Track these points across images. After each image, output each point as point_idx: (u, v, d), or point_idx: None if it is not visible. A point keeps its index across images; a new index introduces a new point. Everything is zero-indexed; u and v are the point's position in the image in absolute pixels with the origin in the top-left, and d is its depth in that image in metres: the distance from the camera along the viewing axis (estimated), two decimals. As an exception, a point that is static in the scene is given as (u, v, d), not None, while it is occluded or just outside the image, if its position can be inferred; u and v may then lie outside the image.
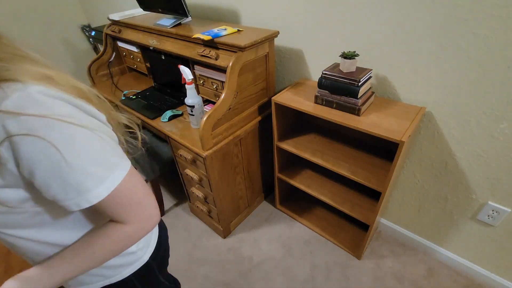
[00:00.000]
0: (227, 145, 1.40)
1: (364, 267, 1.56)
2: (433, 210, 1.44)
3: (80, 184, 0.46)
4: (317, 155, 1.41)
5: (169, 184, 2.24)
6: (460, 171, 1.25)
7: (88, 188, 0.46)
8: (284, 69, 1.64)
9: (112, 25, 1.91)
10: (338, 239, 1.68)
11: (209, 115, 1.24)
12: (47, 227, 0.54)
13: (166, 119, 1.53)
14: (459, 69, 1.05)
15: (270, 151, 1.75)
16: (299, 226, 1.80)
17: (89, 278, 0.65)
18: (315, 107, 1.25)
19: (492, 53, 0.96)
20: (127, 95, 1.83)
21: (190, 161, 1.43)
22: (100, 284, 0.67)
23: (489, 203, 1.23)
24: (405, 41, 1.12)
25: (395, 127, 1.07)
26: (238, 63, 1.25)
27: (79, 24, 3.27)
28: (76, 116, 0.47)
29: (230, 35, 1.34)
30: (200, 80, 1.52)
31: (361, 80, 1.10)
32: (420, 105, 1.21)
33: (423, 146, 1.30)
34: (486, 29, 0.94)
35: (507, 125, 1.04)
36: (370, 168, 1.30)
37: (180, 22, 1.56)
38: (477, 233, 1.34)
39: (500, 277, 1.38)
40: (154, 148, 1.78)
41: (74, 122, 0.46)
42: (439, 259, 1.56)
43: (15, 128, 0.41)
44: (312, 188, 1.57)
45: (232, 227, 1.79)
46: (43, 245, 0.56)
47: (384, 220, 1.69)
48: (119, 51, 2.05)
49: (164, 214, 1.97)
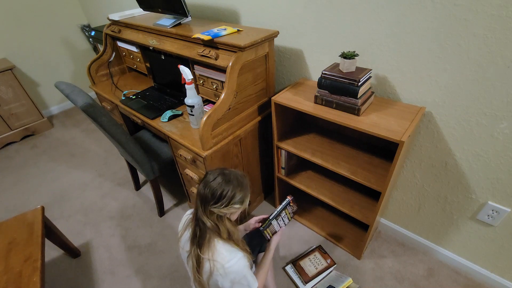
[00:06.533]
0: (227, 145, 1.40)
1: (364, 267, 1.56)
2: (433, 210, 1.44)
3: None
4: (317, 155, 1.41)
5: (169, 184, 2.24)
6: (460, 171, 1.25)
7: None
8: (284, 69, 1.64)
9: (112, 25, 1.91)
10: (338, 239, 1.68)
11: (209, 115, 1.24)
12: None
13: (166, 119, 1.53)
14: (459, 69, 1.05)
15: (270, 151, 1.75)
16: (299, 226, 1.80)
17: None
18: (315, 107, 1.25)
19: (492, 53, 0.96)
20: (127, 95, 1.83)
21: (190, 161, 1.43)
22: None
23: (489, 203, 1.23)
24: (404, 41, 1.12)
25: (395, 127, 1.07)
26: (238, 63, 1.25)
27: (79, 24, 3.27)
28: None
29: (230, 35, 1.34)
30: (200, 80, 1.52)
31: (360, 80, 1.10)
32: (420, 105, 1.21)
33: (423, 146, 1.30)
34: (486, 29, 0.94)
35: (507, 125, 1.04)
36: (370, 168, 1.30)
37: (180, 22, 1.56)
38: (477, 233, 1.35)
39: (500, 277, 1.38)
40: (154, 148, 1.78)
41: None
42: (439, 259, 1.56)
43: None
44: (312, 188, 1.57)
45: (232, 227, 1.79)
46: None
47: (384, 220, 1.69)
48: (119, 51, 2.05)
49: (164, 214, 1.97)
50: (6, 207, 2.14)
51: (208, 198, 0.89)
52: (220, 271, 0.88)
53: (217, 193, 0.88)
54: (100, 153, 2.65)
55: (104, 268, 1.67)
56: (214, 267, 0.88)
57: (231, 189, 0.89)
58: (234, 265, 0.89)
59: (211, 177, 0.91)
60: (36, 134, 3.02)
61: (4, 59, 2.82)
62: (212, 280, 0.90)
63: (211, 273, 0.88)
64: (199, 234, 0.92)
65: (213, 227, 0.90)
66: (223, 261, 0.89)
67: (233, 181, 0.91)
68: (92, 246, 1.81)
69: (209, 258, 0.88)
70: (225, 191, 0.88)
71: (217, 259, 0.89)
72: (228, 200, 0.89)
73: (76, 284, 1.61)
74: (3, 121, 2.76)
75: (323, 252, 1.61)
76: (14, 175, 2.47)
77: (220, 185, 0.89)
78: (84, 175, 2.39)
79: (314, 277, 1.49)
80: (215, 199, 0.88)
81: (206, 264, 0.89)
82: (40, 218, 1.41)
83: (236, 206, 0.91)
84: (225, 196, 0.88)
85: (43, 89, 3.21)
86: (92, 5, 3.04)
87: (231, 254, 0.90)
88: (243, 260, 0.92)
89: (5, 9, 2.74)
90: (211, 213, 0.90)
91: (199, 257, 0.90)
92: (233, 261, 0.89)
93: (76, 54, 3.36)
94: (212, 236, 0.91)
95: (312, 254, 1.61)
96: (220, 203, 0.88)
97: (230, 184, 0.90)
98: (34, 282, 1.12)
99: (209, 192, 0.89)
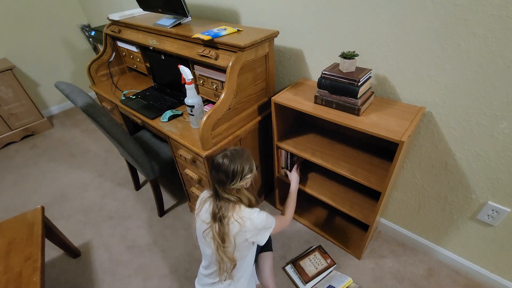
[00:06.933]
0: (227, 145, 1.40)
1: (364, 267, 1.56)
2: (433, 210, 1.44)
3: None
4: (317, 155, 1.41)
5: (169, 184, 2.24)
6: (460, 171, 1.25)
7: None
8: (284, 69, 1.64)
9: (112, 25, 1.91)
10: (338, 239, 1.68)
11: (209, 115, 1.24)
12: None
13: (166, 119, 1.53)
14: (459, 69, 1.05)
15: (270, 151, 1.75)
16: (299, 226, 1.80)
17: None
18: (314, 107, 1.25)
19: (492, 53, 0.96)
20: (127, 95, 1.83)
21: (190, 161, 1.43)
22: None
23: (489, 203, 1.23)
24: (405, 41, 1.12)
25: (394, 127, 1.07)
26: (238, 63, 1.25)
27: (78, 24, 3.27)
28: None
29: (230, 35, 1.34)
30: (200, 80, 1.52)
31: (360, 80, 1.10)
32: (420, 105, 1.21)
33: (423, 146, 1.30)
34: (486, 29, 0.94)
35: (507, 125, 1.04)
36: (369, 168, 1.30)
37: (180, 22, 1.56)
38: (477, 233, 1.35)
39: (500, 277, 1.38)
40: (154, 148, 1.78)
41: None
42: (439, 259, 1.56)
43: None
44: (312, 188, 1.57)
45: (232, 227, 1.79)
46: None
47: (384, 220, 1.69)
48: (119, 51, 2.05)
49: (164, 214, 1.97)
50: (6, 207, 2.14)
51: (224, 180, 1.04)
52: (247, 224, 1.04)
53: (230, 173, 1.03)
54: (100, 153, 2.65)
55: (104, 268, 1.67)
56: (243, 223, 1.04)
57: (239, 165, 1.04)
58: (260, 215, 1.08)
59: (219, 161, 1.05)
60: (36, 134, 3.02)
61: (4, 59, 2.82)
62: (240, 236, 1.04)
63: (240, 229, 1.03)
64: (222, 209, 1.05)
65: (236, 199, 1.07)
66: (249, 215, 1.06)
67: (236, 157, 1.05)
68: (92, 246, 1.81)
69: (236, 219, 1.04)
70: (235, 168, 1.03)
71: (244, 215, 1.05)
72: (240, 174, 1.04)
73: (76, 284, 1.61)
74: (3, 121, 2.76)
75: (323, 252, 1.61)
76: (14, 175, 2.47)
77: (229, 165, 1.03)
78: (84, 175, 2.39)
79: (314, 277, 1.49)
80: (229, 178, 1.03)
81: (234, 224, 1.03)
82: (40, 218, 1.41)
83: (248, 176, 1.07)
84: (237, 172, 1.03)
85: (43, 89, 3.21)
86: (92, 5, 3.04)
87: (252, 210, 1.09)
88: (263, 212, 1.11)
89: (5, 9, 2.74)
90: (230, 190, 1.06)
91: (222, 230, 1.04)
92: (257, 213, 1.08)
93: (76, 54, 3.36)
94: (235, 205, 1.07)
95: (312, 254, 1.61)
96: (235, 180, 1.04)
97: (236, 161, 1.04)
98: (34, 282, 1.12)
99: (223, 174, 1.03)
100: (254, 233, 1.06)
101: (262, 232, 1.09)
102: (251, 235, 1.06)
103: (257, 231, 1.07)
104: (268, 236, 1.13)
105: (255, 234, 1.07)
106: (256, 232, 1.07)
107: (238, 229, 1.03)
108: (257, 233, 1.07)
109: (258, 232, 1.08)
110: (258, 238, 1.09)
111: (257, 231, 1.07)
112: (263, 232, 1.10)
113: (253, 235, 1.06)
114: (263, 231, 1.10)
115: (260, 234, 1.09)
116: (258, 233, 1.08)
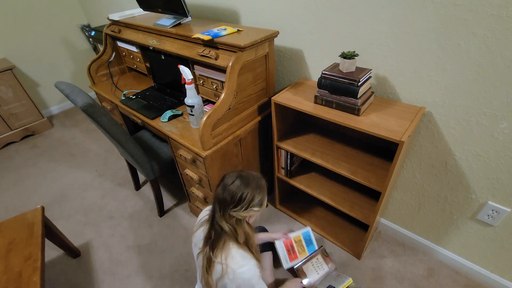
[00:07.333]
0: (227, 145, 1.40)
1: (364, 267, 1.56)
2: (433, 210, 1.44)
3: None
4: (317, 155, 1.41)
5: (169, 184, 2.24)
6: (460, 171, 1.25)
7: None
8: (284, 69, 1.64)
9: (112, 25, 1.91)
10: (338, 239, 1.68)
11: (209, 115, 1.24)
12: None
13: (166, 119, 1.53)
14: (459, 69, 1.05)
15: (270, 151, 1.75)
16: (299, 226, 1.80)
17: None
18: (314, 107, 1.25)
19: (491, 53, 0.96)
20: (127, 95, 1.83)
21: (190, 161, 1.43)
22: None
23: (489, 203, 1.23)
24: (405, 41, 1.12)
25: (394, 127, 1.07)
26: (238, 63, 1.25)
27: (78, 24, 3.26)
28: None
29: (230, 35, 1.34)
30: (200, 80, 1.52)
31: (360, 80, 1.10)
32: (420, 105, 1.21)
33: (423, 146, 1.30)
34: (486, 29, 0.94)
35: (507, 125, 1.04)
36: (370, 168, 1.30)
37: (180, 22, 1.56)
38: (477, 233, 1.35)
39: (500, 277, 1.38)
40: (154, 148, 1.78)
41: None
42: (439, 259, 1.56)
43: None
44: (312, 188, 1.57)
45: (232, 227, 1.79)
46: None
47: (384, 220, 1.69)
48: (119, 51, 2.05)
49: (164, 214, 1.97)
50: (6, 207, 2.14)
51: (227, 202, 0.88)
52: (230, 276, 0.87)
53: (237, 197, 0.87)
54: (100, 153, 2.64)
55: (104, 268, 1.67)
56: (226, 271, 0.88)
57: (250, 192, 0.88)
58: (246, 272, 0.89)
59: (230, 180, 0.90)
60: (36, 134, 3.02)
61: (4, 59, 2.82)
62: (222, 282, 0.90)
63: (222, 275, 0.88)
64: (214, 237, 0.91)
65: (231, 231, 0.90)
66: (235, 265, 0.88)
67: (251, 183, 0.90)
68: (92, 246, 1.81)
69: (221, 261, 0.88)
70: (245, 194, 0.88)
71: (229, 263, 0.88)
72: (248, 203, 0.88)
73: (76, 284, 1.61)
74: (3, 121, 2.76)
75: (325, 254, 1.58)
76: (14, 175, 2.47)
77: (239, 188, 0.88)
78: (84, 175, 2.39)
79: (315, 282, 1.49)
80: (234, 202, 0.88)
81: (218, 267, 0.89)
82: (40, 218, 1.41)
83: (255, 209, 0.90)
84: (245, 199, 0.88)
85: (43, 89, 3.21)
86: (92, 5, 3.04)
87: (244, 260, 0.90)
88: (254, 269, 0.91)
89: (5, 9, 2.74)
90: (230, 216, 0.89)
91: (211, 259, 0.90)
92: (245, 268, 0.89)
93: (76, 54, 3.36)
94: (228, 240, 0.91)
95: (315, 257, 1.57)
96: (240, 207, 0.88)
97: (249, 187, 0.89)
98: (34, 282, 1.12)
99: (228, 195, 0.88)
100: (235, 286, 0.89)
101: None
102: (233, 286, 0.90)
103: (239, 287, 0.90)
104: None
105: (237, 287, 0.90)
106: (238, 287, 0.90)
107: (219, 274, 0.88)
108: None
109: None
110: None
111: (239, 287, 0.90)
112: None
113: (235, 287, 0.90)
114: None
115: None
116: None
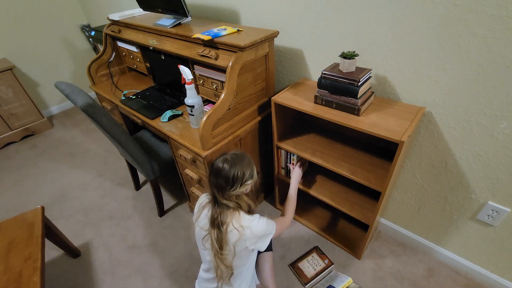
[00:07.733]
0: (227, 145, 1.40)
1: (364, 267, 1.56)
2: (433, 210, 1.44)
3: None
4: (317, 155, 1.41)
5: (169, 184, 2.24)
6: (460, 171, 1.25)
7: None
8: (284, 69, 1.64)
9: (112, 25, 1.91)
10: (338, 239, 1.68)
11: (209, 115, 1.24)
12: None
13: (166, 119, 1.53)
14: (459, 69, 1.05)
15: (270, 151, 1.75)
16: (299, 226, 1.80)
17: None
18: (314, 107, 1.25)
19: (491, 53, 0.96)
20: (127, 95, 1.83)
21: (190, 161, 1.43)
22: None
23: (489, 203, 1.23)
24: (404, 41, 1.12)
25: (394, 127, 1.07)
26: (238, 63, 1.25)
27: (78, 24, 3.27)
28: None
29: (230, 35, 1.34)
30: (200, 80, 1.52)
31: (360, 80, 1.10)
32: (420, 105, 1.21)
33: (423, 146, 1.30)
34: (486, 29, 0.94)
35: (507, 125, 1.04)
36: (369, 168, 1.30)
37: (180, 22, 1.56)
38: (477, 233, 1.35)
39: (500, 277, 1.38)
40: (154, 148, 1.78)
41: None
42: (439, 259, 1.56)
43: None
44: (312, 188, 1.57)
45: (232, 227, 1.79)
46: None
47: (384, 220, 1.69)
48: (119, 51, 2.05)
49: (164, 214, 1.97)
50: (6, 207, 2.14)
51: (223, 186, 0.99)
52: (247, 233, 1.00)
53: (230, 178, 0.97)
54: (100, 153, 2.65)
55: (104, 268, 1.67)
56: (242, 232, 1.00)
57: (239, 170, 0.98)
58: (259, 223, 1.04)
59: (219, 166, 0.99)
60: (36, 134, 3.02)
61: (4, 59, 2.82)
62: (239, 244, 1.01)
63: (239, 238, 1.00)
64: (221, 215, 1.01)
65: (235, 205, 1.02)
66: (248, 223, 1.02)
67: (237, 162, 0.99)
68: (92, 246, 1.81)
69: (234, 227, 1.00)
70: (236, 173, 0.98)
71: (243, 223, 1.01)
72: (240, 180, 0.99)
73: (76, 284, 1.61)
74: (3, 121, 2.76)
75: (321, 253, 1.61)
76: (14, 175, 2.47)
77: (229, 170, 0.97)
78: (84, 175, 2.39)
79: (313, 278, 1.49)
80: (229, 184, 0.98)
81: (233, 232, 1.00)
82: (40, 218, 1.41)
83: (248, 182, 1.02)
84: (237, 178, 0.98)
85: (43, 89, 3.21)
86: (92, 5, 3.04)
87: (252, 217, 1.05)
88: (262, 218, 1.08)
89: (5, 9, 2.74)
90: (230, 196, 1.00)
91: (220, 236, 1.00)
92: (256, 221, 1.04)
93: (76, 54, 3.36)
94: (233, 211, 1.03)
95: (310, 255, 1.61)
96: (236, 185, 0.99)
97: (237, 166, 0.98)
98: (34, 282, 1.12)
99: (223, 180, 0.98)
100: (254, 241, 1.04)
101: (263, 239, 1.07)
102: (251, 243, 1.03)
103: (257, 239, 1.04)
104: (269, 242, 1.11)
105: (255, 242, 1.04)
106: (256, 240, 1.04)
107: (237, 238, 1.00)
108: (257, 240, 1.05)
109: (258, 239, 1.05)
110: (258, 245, 1.06)
111: (257, 239, 1.05)
112: (264, 239, 1.07)
113: (253, 243, 1.04)
114: (264, 238, 1.07)
115: (260, 241, 1.06)
116: (258, 241, 1.05)
